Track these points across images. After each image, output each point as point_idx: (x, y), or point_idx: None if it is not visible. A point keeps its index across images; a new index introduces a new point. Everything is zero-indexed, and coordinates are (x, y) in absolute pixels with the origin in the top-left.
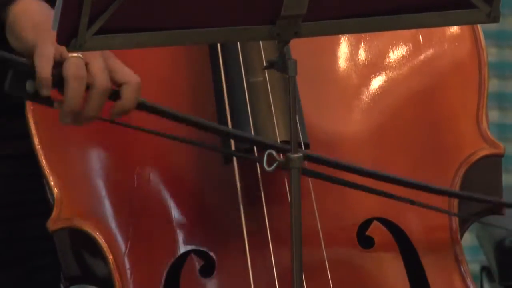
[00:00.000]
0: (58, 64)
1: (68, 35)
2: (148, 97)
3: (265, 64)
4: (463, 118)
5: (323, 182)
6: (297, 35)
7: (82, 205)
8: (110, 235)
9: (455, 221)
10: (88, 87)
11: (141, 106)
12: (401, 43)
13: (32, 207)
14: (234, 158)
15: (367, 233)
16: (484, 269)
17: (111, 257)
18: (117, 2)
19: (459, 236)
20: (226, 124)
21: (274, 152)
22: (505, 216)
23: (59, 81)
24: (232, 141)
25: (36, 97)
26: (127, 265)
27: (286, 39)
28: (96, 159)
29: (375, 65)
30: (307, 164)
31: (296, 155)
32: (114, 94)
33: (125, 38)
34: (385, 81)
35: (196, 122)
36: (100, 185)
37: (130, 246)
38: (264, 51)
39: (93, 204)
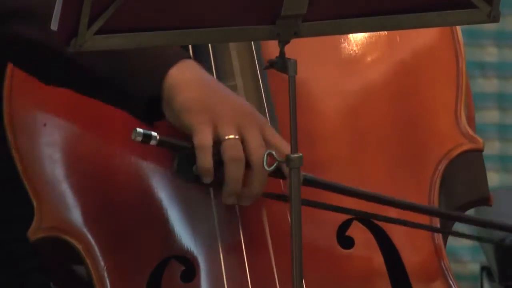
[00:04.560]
0: (217, 144)
1: (68, 35)
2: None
3: (240, 68)
4: (441, 113)
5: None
6: (297, 35)
7: (61, 215)
8: (90, 245)
9: (435, 218)
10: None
11: (307, 182)
12: (376, 40)
13: (18, 209)
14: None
15: (347, 233)
16: (484, 269)
17: (91, 264)
18: (117, 2)
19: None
20: None
21: (274, 153)
22: (492, 206)
23: (218, 162)
24: None
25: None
26: (108, 275)
27: (286, 39)
28: (73, 170)
29: (350, 63)
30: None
31: (296, 155)
32: (277, 170)
33: (125, 38)
34: (361, 79)
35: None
36: (78, 194)
37: (110, 254)
38: (237, 55)
39: (71, 215)
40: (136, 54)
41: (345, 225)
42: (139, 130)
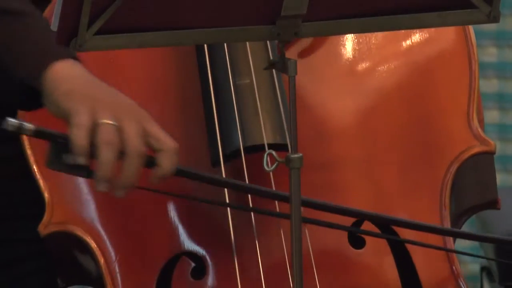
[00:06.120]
0: (93, 131)
1: (68, 35)
2: (137, 97)
3: (254, 66)
4: (453, 115)
5: (315, 183)
6: (297, 35)
7: (72, 210)
8: (101, 240)
9: (446, 218)
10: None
11: (180, 173)
12: (391, 40)
13: (22, 209)
14: (222, 161)
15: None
16: (484, 269)
17: (102, 260)
18: (117, 2)
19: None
20: (214, 125)
21: (274, 152)
22: (500, 209)
23: (92, 148)
24: (219, 144)
25: (76, 169)
26: (119, 269)
27: (286, 39)
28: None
29: (364, 62)
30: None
31: (296, 155)
32: (150, 161)
33: (125, 38)
34: (375, 78)
35: (239, 186)
36: (90, 189)
37: (121, 250)
38: (251, 53)
39: (83, 209)
40: (23, 41)
41: (356, 225)
42: (11, 120)
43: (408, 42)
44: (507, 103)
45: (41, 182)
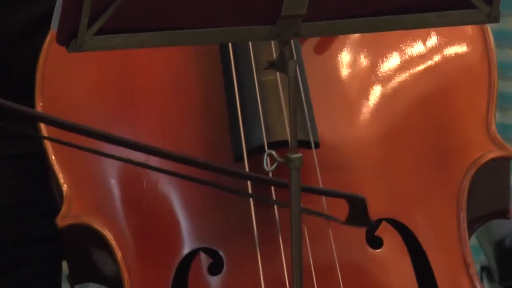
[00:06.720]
0: None
1: (68, 36)
2: (160, 94)
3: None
4: (472, 120)
5: (333, 182)
6: (297, 35)
7: (91, 202)
8: (119, 233)
9: (463, 221)
10: None
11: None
12: (411, 45)
13: (34, 208)
14: (245, 156)
15: (375, 233)
16: (484, 269)
17: (120, 254)
18: (117, 2)
19: (467, 237)
20: (238, 124)
21: (274, 152)
22: (510, 219)
23: None
24: (243, 139)
25: None
26: (136, 263)
27: (286, 39)
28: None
29: (384, 66)
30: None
31: (296, 155)
32: None
33: (125, 38)
34: (394, 83)
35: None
36: (109, 182)
37: (139, 244)
38: (275, 49)
39: (102, 202)
40: None
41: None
42: None
43: (429, 47)
44: (507, 103)
45: (59, 175)
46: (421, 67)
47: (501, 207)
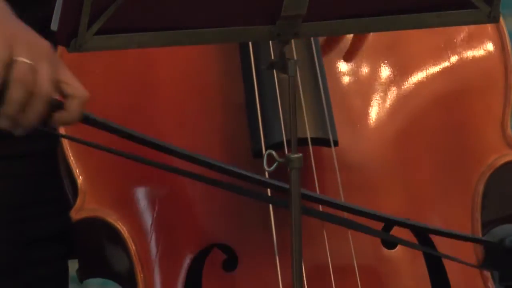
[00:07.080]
0: (7, 67)
1: (68, 35)
2: (178, 91)
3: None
4: (488, 123)
5: (351, 181)
6: (297, 35)
7: (105, 196)
8: (133, 227)
9: (477, 223)
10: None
11: (87, 121)
12: (428, 47)
13: (45, 207)
14: (264, 153)
15: (390, 233)
16: None
17: (133, 248)
18: (117, 2)
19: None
20: (257, 120)
21: (273, 152)
22: None
23: (4, 83)
24: (262, 136)
25: None
26: (150, 258)
27: (286, 39)
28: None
29: (401, 68)
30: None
31: (296, 155)
32: (58, 105)
33: (125, 38)
34: (411, 84)
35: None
36: (125, 176)
37: (153, 238)
38: (296, 48)
39: (116, 195)
40: None
41: (389, 226)
42: None
43: (446, 50)
44: None
45: (74, 167)
46: (438, 68)
47: (510, 212)
